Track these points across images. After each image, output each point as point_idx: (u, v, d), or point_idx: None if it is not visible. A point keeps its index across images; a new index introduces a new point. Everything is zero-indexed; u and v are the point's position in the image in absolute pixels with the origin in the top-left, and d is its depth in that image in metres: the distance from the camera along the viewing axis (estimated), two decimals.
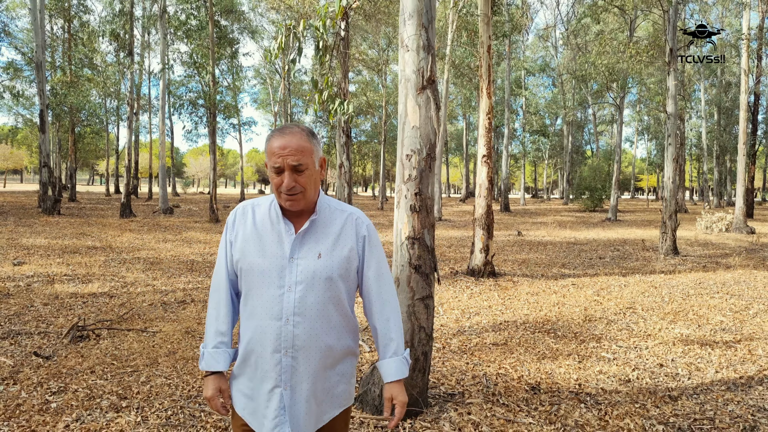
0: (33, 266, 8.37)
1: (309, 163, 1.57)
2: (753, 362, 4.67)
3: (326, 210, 1.65)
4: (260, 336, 1.56)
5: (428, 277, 3.29)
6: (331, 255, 1.58)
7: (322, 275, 1.55)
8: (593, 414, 3.48)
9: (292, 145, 1.54)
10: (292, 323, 1.53)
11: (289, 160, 1.53)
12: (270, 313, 1.54)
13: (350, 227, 1.64)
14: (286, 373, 1.54)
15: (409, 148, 3.24)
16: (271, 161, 1.57)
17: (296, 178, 1.55)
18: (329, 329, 1.58)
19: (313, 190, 1.60)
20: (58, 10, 25.10)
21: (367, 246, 1.66)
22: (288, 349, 1.54)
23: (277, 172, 1.56)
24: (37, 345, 4.65)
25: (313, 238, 1.60)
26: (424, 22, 3.20)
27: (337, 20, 3.89)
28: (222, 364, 1.65)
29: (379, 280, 1.67)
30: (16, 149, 51.48)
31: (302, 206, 1.59)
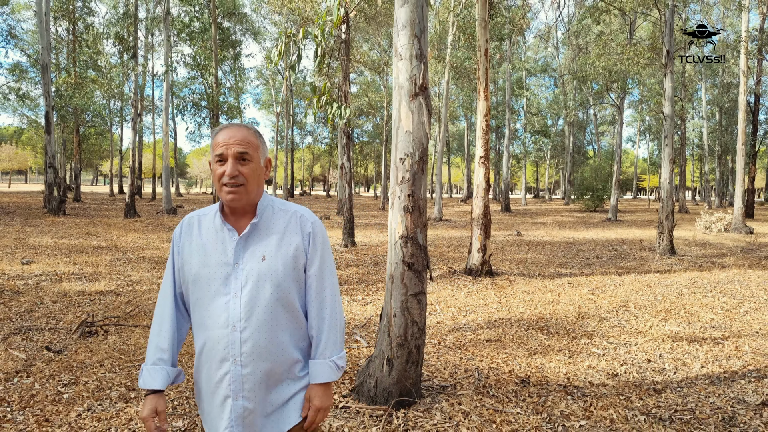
0: (41, 265, 8.57)
1: (254, 156, 1.54)
2: (738, 358, 4.83)
3: (269, 210, 1.60)
4: (209, 346, 1.52)
5: (420, 274, 3.46)
6: (275, 256, 1.53)
7: (267, 278, 1.51)
8: (579, 405, 3.65)
9: (237, 135, 1.53)
10: (238, 329, 1.48)
11: (234, 149, 1.50)
12: (217, 322, 1.50)
13: (294, 225, 1.59)
14: (236, 382, 1.49)
15: (402, 151, 3.42)
16: (214, 152, 1.54)
17: (239, 167, 1.51)
18: (279, 333, 1.52)
19: (255, 186, 1.55)
20: (62, 13, 25.34)
21: (312, 243, 1.60)
22: (236, 357, 1.48)
23: (220, 161, 1.52)
24: (48, 340, 4.84)
25: (256, 240, 1.55)
26: (416, 32, 3.37)
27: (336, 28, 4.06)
28: (159, 382, 1.55)
29: (320, 279, 1.61)
30: (20, 150, 51.89)
31: (244, 202, 1.53)
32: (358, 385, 3.59)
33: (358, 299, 7.02)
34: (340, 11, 3.87)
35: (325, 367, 1.59)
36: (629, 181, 63.42)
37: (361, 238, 14.43)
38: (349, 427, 3.21)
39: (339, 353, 1.63)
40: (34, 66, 26.54)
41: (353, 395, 3.59)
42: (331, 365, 1.60)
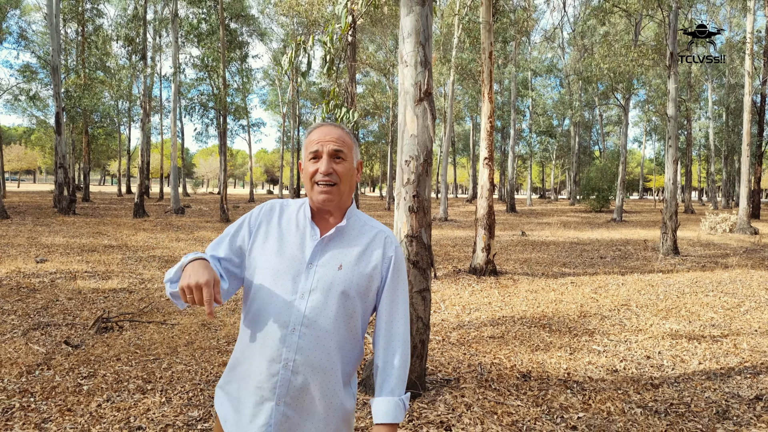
0: (55, 263, 8.78)
1: (348, 156, 1.50)
2: (736, 355, 4.94)
3: (356, 220, 1.54)
4: (261, 342, 1.42)
5: (425, 271, 3.61)
6: (353, 269, 1.45)
7: (339, 288, 1.43)
8: (578, 398, 3.79)
9: (333, 133, 1.49)
10: (298, 333, 1.39)
11: (329, 146, 1.46)
12: (276, 319, 1.41)
13: (378, 244, 1.51)
14: (282, 386, 1.39)
15: (407, 154, 3.57)
16: (308, 149, 1.49)
17: (334, 165, 1.46)
18: (336, 347, 1.44)
19: (348, 187, 1.50)
20: (72, 15, 25.66)
21: (393, 269, 1.51)
22: (288, 361, 1.39)
23: (314, 159, 1.48)
24: (65, 335, 5.03)
25: (337, 246, 1.48)
26: (421, 40, 3.52)
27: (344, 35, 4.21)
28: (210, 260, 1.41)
29: (393, 307, 1.51)
30: (29, 150, 52.38)
31: (335, 203, 1.48)
32: (365, 378, 3.74)
33: None
34: (348, 19, 4.01)
35: (394, 405, 1.44)
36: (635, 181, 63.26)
37: None
38: (357, 415, 3.36)
39: (407, 393, 1.50)
40: (44, 67, 26.85)
41: (360, 388, 3.74)
42: (400, 404, 1.45)
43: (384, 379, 1.47)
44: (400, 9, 3.71)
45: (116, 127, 36.16)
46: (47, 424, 3.28)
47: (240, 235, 1.53)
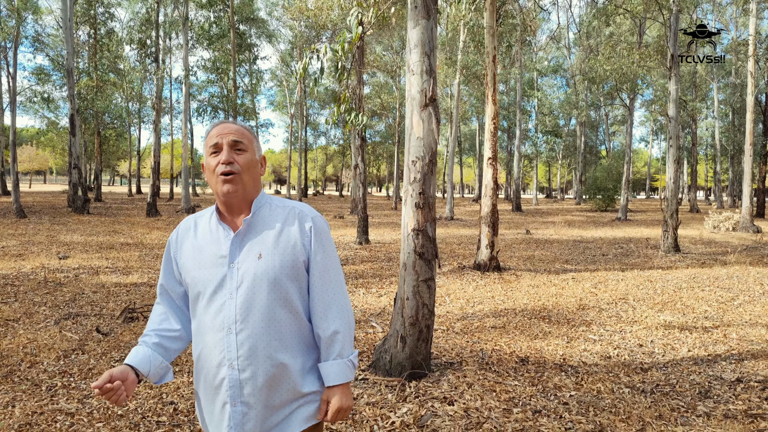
0: (77, 260, 9.18)
1: (249, 147, 1.52)
2: (724, 344, 5.24)
3: (266, 208, 1.55)
4: (206, 351, 1.46)
5: (430, 262, 3.94)
6: (273, 253, 1.46)
7: (264, 277, 1.44)
8: (571, 380, 4.10)
9: (231, 127, 1.52)
10: (234, 332, 1.42)
11: (229, 137, 1.48)
12: (212, 325, 1.44)
13: (292, 220, 1.52)
14: (234, 387, 1.43)
15: (414, 155, 3.90)
16: (208, 144, 1.51)
17: (234, 155, 1.48)
18: (279, 335, 1.45)
19: (251, 179, 1.51)
20: (84, 18, 26.19)
21: (314, 238, 1.52)
22: (232, 361, 1.42)
23: (215, 153, 1.49)
24: (95, 324, 5.40)
25: (252, 238, 1.49)
26: (426, 51, 3.85)
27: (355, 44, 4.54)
28: (135, 358, 1.50)
29: (324, 276, 1.53)
30: (41, 151, 53.13)
31: (240, 194, 1.48)
32: (375, 360, 4.08)
33: (372, 291, 7.51)
34: (359, 29, 4.35)
35: (343, 367, 1.51)
36: (642, 180, 63.27)
37: (374, 236, 14.92)
38: (368, 394, 3.70)
39: (353, 352, 1.56)
40: (58, 70, 27.38)
41: (370, 369, 4.08)
42: (348, 364, 1.52)
43: (329, 345, 1.51)
44: (407, 22, 4.04)
45: (126, 128, 36.72)
46: (88, 399, 3.63)
47: (170, 263, 1.60)
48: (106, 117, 28.43)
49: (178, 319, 1.60)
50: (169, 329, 1.58)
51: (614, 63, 16.96)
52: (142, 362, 1.49)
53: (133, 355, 1.51)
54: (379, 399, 3.61)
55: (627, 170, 24.06)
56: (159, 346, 1.55)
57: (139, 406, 3.53)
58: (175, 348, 1.59)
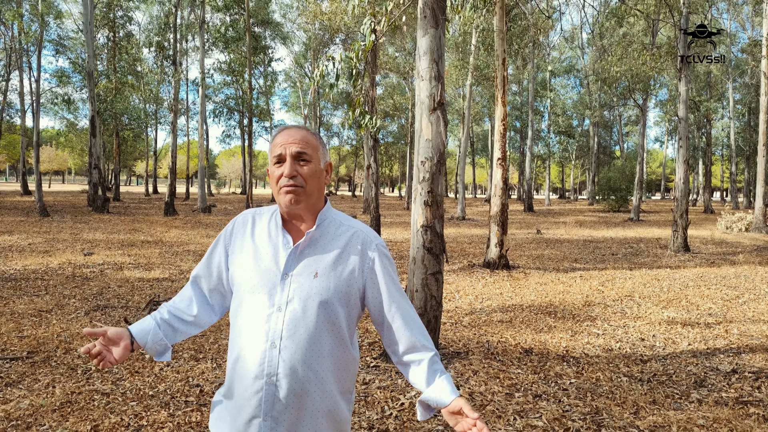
0: (101, 256, 9.56)
1: (314, 156, 1.46)
2: (724, 338, 5.41)
3: (330, 224, 1.49)
4: (244, 359, 1.41)
5: (438, 257, 4.19)
6: (329, 275, 1.42)
7: (316, 297, 1.39)
8: (572, 369, 4.32)
9: (296, 135, 1.46)
10: (278, 348, 1.37)
11: (292, 148, 1.43)
12: (255, 335, 1.39)
13: (355, 245, 1.47)
14: (267, 402, 1.38)
15: (423, 155, 4.15)
16: (272, 154, 1.47)
17: (297, 167, 1.42)
18: (320, 360, 1.41)
19: (316, 191, 1.46)
20: (104, 22, 26.80)
21: (381, 269, 1.47)
22: (271, 376, 1.37)
23: (278, 163, 1.45)
24: (122, 315, 5.72)
25: (311, 253, 1.44)
26: (435, 58, 4.10)
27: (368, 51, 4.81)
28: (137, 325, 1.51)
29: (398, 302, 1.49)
30: (60, 151, 54.20)
31: (303, 206, 1.44)
32: (385, 349, 4.34)
33: None
34: (372, 37, 4.61)
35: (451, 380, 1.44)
36: (657, 181, 62.77)
37: (386, 234, 15.18)
38: (380, 379, 3.95)
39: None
40: (78, 72, 28.02)
41: (382, 357, 4.34)
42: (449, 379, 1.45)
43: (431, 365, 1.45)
44: (417, 30, 4.29)
45: (144, 129, 37.38)
46: (122, 381, 3.93)
47: (216, 252, 1.56)
48: (124, 118, 29.03)
49: (200, 307, 1.58)
50: (186, 312, 1.56)
51: (625, 64, 17.04)
52: (141, 332, 1.49)
53: (138, 323, 1.51)
54: (390, 384, 3.87)
55: (640, 170, 24.07)
56: (167, 323, 1.54)
57: (168, 387, 3.82)
58: (184, 330, 1.57)
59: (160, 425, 3.22)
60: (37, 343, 4.76)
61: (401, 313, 1.48)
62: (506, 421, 3.28)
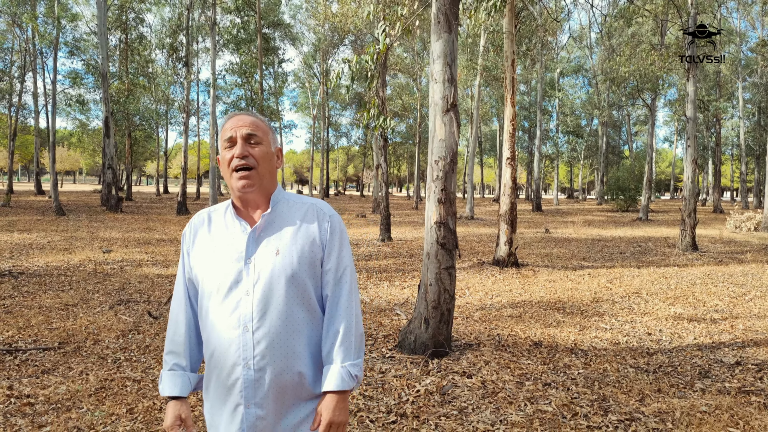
0: (119, 254, 9.81)
1: (264, 139, 1.48)
2: (730, 333, 5.55)
3: (284, 204, 1.51)
4: (220, 350, 1.40)
5: (451, 252, 4.36)
6: (291, 250, 1.43)
7: (282, 273, 1.40)
8: (580, 361, 4.49)
9: (246, 120, 1.47)
10: (251, 330, 1.37)
11: (242, 131, 1.45)
12: (228, 323, 1.39)
13: (311, 217, 1.50)
14: (248, 388, 1.37)
15: (437, 155, 4.33)
16: (223, 138, 1.47)
17: (249, 149, 1.44)
18: (296, 334, 1.41)
19: (267, 172, 1.48)
20: (117, 24, 27.20)
21: (330, 236, 1.49)
22: (248, 360, 1.37)
23: (230, 146, 1.46)
24: (145, 309, 5.94)
25: (270, 233, 1.45)
26: (448, 61, 4.28)
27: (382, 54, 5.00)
28: (179, 388, 1.49)
29: (336, 274, 1.50)
30: (72, 152, 54.82)
31: (256, 189, 1.45)
32: (401, 341, 4.52)
33: (396, 284, 7.95)
34: (387, 41, 4.80)
35: (336, 373, 1.44)
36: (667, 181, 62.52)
37: (396, 234, 15.36)
38: (395, 369, 4.14)
39: (353, 359, 1.47)
40: (92, 73, 28.42)
41: (397, 348, 4.52)
42: (342, 372, 1.44)
43: (330, 347, 1.46)
44: (431, 35, 4.47)
45: (155, 129, 37.80)
46: (151, 370, 4.14)
47: (183, 257, 1.56)
48: (136, 119, 29.44)
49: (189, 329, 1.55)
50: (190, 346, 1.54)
51: (633, 64, 17.13)
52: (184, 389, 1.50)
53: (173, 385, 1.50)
54: (405, 372, 4.05)
55: (648, 170, 24.09)
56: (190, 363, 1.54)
57: None
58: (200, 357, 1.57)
59: (191, 407, 3.42)
60: (67, 334, 4.98)
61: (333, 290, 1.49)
62: (517, 406, 3.46)
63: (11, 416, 3.28)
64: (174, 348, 1.53)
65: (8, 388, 3.69)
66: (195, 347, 1.54)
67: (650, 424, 3.21)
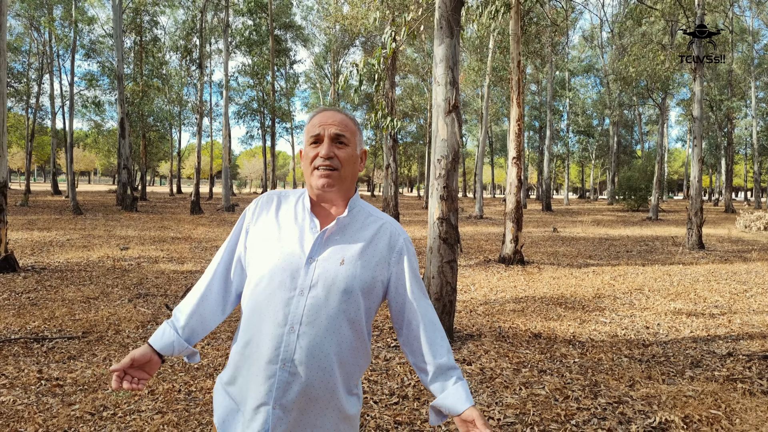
0: (136, 251, 10.14)
1: (351, 141, 1.43)
2: (726, 327, 5.71)
3: (359, 212, 1.46)
4: (257, 343, 1.35)
5: (453, 246, 4.59)
6: (355, 263, 1.37)
7: (341, 284, 1.35)
8: (577, 351, 4.68)
9: (336, 117, 1.43)
10: (297, 333, 1.32)
11: (331, 129, 1.40)
12: (273, 317, 1.33)
13: (384, 237, 1.44)
14: (279, 389, 1.32)
15: (439, 154, 4.55)
16: (309, 134, 1.43)
17: (335, 150, 1.40)
18: (338, 348, 1.36)
19: (350, 176, 1.43)
20: (131, 26, 27.72)
21: (406, 264, 1.45)
22: (286, 361, 1.32)
23: (315, 143, 1.42)
24: (163, 302, 6.23)
25: (339, 240, 1.40)
26: (450, 65, 4.50)
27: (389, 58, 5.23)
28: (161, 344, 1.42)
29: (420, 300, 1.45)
30: (87, 152, 55.69)
31: (336, 190, 1.41)
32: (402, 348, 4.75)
33: None
34: (393, 45, 5.03)
35: (467, 388, 1.40)
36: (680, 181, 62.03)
37: None
38: (399, 357, 4.37)
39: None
40: (108, 75, 28.96)
41: None
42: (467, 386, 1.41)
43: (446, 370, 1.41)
44: (434, 39, 4.70)
45: (168, 130, 38.36)
46: (168, 358, 4.41)
47: (241, 230, 1.50)
48: (150, 119, 29.96)
49: (220, 301, 1.49)
50: (205, 313, 1.47)
51: (642, 64, 17.20)
52: (166, 347, 1.42)
53: (159, 336, 1.43)
54: (408, 360, 4.28)
55: (659, 170, 24.09)
56: (187, 329, 1.45)
57: (210, 362, 4.28)
58: (204, 330, 1.49)
59: (207, 390, 3.68)
60: (90, 325, 5.27)
61: (422, 313, 1.44)
62: (513, 390, 3.67)
63: (42, 396, 3.56)
64: (182, 308, 1.47)
65: (38, 372, 3.97)
66: (200, 318, 1.46)
67: (637, 407, 3.41)
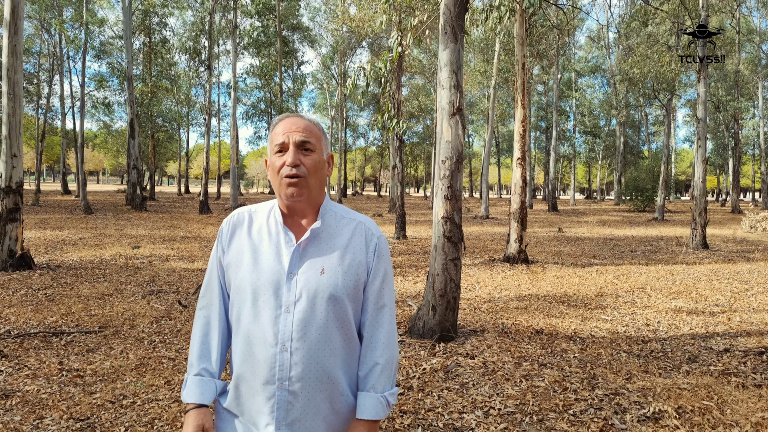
0: (147, 249, 10.36)
1: (317, 147, 1.40)
2: (725, 325, 5.82)
3: (331, 217, 1.44)
4: (251, 364, 1.34)
5: (456, 244, 4.74)
6: (336, 270, 1.37)
7: (325, 294, 1.34)
8: (577, 346, 4.82)
9: (299, 124, 1.39)
10: (289, 350, 1.31)
11: (295, 137, 1.37)
12: (263, 338, 1.32)
13: (359, 238, 1.43)
14: (281, 409, 1.32)
15: (443, 155, 4.71)
16: (273, 142, 1.39)
17: (301, 157, 1.36)
18: (332, 357, 1.36)
19: (317, 182, 1.40)
20: (141, 28, 28.04)
21: (376, 260, 1.44)
22: (283, 381, 1.31)
23: (280, 152, 1.38)
24: (175, 298, 6.41)
25: (316, 250, 1.39)
26: (454, 69, 4.65)
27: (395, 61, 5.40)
28: (207, 395, 1.41)
29: (378, 299, 1.44)
30: (96, 152, 56.21)
31: (305, 198, 1.38)
32: (410, 327, 4.90)
33: (409, 279, 8.33)
34: (399, 49, 5.19)
35: (375, 401, 1.39)
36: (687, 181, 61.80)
37: (411, 232, 15.73)
38: (404, 351, 4.52)
39: (390, 389, 1.43)
40: (117, 76, 29.29)
41: (407, 334, 4.91)
42: (382, 401, 1.39)
43: (367, 374, 1.42)
44: (438, 44, 4.85)
45: (176, 130, 38.68)
46: (183, 350, 4.59)
47: (219, 263, 1.46)
48: (159, 120, 30.28)
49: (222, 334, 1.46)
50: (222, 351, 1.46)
51: (647, 65, 17.27)
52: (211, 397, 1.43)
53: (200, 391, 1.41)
54: (413, 354, 4.44)
55: (665, 170, 24.12)
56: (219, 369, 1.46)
57: None
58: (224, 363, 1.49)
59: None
60: (105, 320, 5.46)
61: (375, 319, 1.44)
62: (513, 382, 3.82)
63: (65, 386, 3.74)
64: (205, 352, 1.44)
65: (59, 364, 4.16)
66: (224, 353, 1.47)
67: (632, 398, 3.55)
